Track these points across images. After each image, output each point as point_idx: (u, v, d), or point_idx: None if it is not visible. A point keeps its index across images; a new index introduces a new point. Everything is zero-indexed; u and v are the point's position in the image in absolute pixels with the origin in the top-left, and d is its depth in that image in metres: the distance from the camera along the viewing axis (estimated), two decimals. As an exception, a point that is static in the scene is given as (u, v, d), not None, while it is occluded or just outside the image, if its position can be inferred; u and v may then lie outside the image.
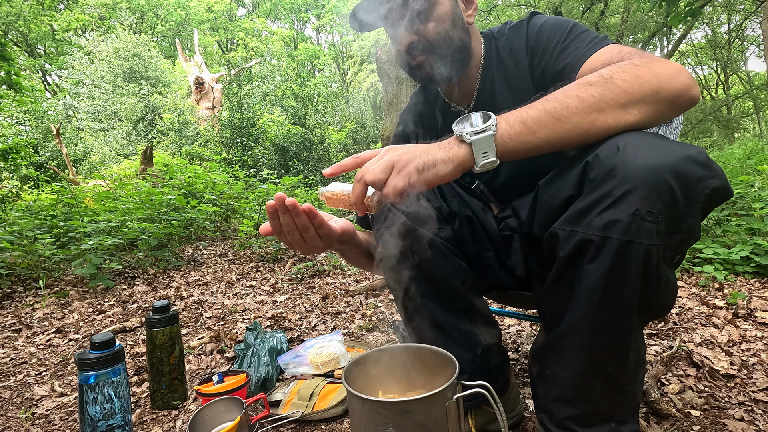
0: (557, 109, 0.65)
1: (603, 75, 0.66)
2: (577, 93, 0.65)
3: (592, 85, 0.65)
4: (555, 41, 0.86)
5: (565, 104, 0.65)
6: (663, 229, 0.60)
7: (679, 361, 1.31)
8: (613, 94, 0.64)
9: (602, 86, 0.65)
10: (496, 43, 0.98)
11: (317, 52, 29.18)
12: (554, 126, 0.65)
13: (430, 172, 0.65)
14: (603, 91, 0.64)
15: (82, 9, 18.96)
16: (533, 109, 0.66)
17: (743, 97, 16.45)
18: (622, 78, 0.65)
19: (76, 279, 2.93)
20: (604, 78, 0.65)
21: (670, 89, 0.64)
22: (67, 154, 8.09)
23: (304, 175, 8.17)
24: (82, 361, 1.03)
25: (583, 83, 0.66)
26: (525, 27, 0.93)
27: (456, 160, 0.66)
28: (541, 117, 0.65)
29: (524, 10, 12.70)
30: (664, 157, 0.59)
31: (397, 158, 0.65)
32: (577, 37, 0.83)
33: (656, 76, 0.64)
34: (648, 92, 0.64)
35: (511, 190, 1.01)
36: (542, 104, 0.66)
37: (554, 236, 0.68)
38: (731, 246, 2.25)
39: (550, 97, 0.67)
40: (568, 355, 0.70)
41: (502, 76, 0.96)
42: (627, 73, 0.65)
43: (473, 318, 0.92)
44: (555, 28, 0.88)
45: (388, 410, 0.65)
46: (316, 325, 1.94)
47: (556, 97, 0.66)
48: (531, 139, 0.66)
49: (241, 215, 4.75)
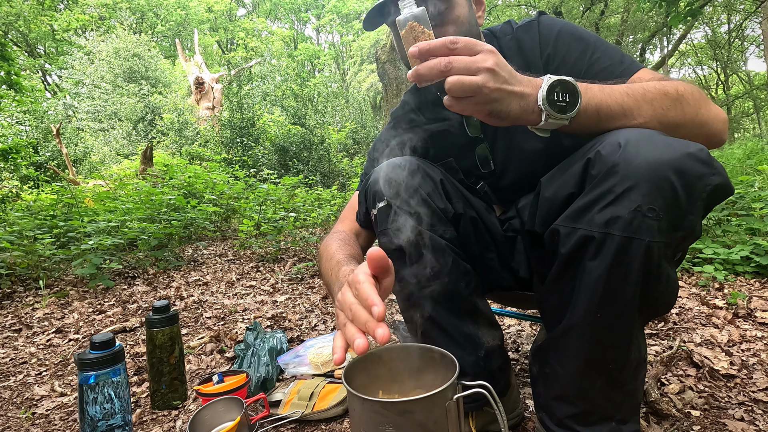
0: (631, 108, 0.67)
1: (678, 90, 0.69)
2: (653, 98, 0.67)
3: (667, 97, 0.68)
4: (579, 52, 0.85)
5: (639, 106, 0.67)
6: (664, 226, 0.60)
7: (679, 361, 1.31)
8: (676, 113, 0.68)
9: (674, 101, 0.68)
10: (499, 42, 0.97)
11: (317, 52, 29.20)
12: (620, 122, 0.67)
13: (495, 117, 0.63)
14: (670, 107, 0.68)
15: (82, 9, 18.97)
16: (612, 100, 0.67)
17: (743, 97, 16.47)
18: (689, 101, 0.69)
19: (76, 279, 2.93)
20: (678, 93, 0.69)
21: (713, 128, 0.71)
22: (67, 154, 8.09)
23: (304, 175, 8.17)
24: (82, 361, 1.03)
25: (661, 90, 0.68)
26: (536, 27, 0.91)
27: (522, 120, 0.65)
28: (616, 112, 0.67)
29: (524, 10, 12.70)
30: (666, 153, 0.59)
31: (491, 88, 0.59)
32: (607, 49, 0.84)
33: (709, 113, 0.71)
34: (698, 123, 0.70)
35: (516, 190, 1.01)
36: (622, 97, 0.67)
37: (556, 233, 0.68)
38: (731, 246, 2.25)
39: (630, 92, 0.68)
40: (568, 353, 0.70)
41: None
42: (693, 97, 0.69)
43: (476, 320, 0.92)
44: (576, 38, 0.87)
45: (388, 410, 0.65)
46: (316, 325, 1.94)
47: (634, 94, 0.68)
48: (594, 128, 0.68)
49: (241, 215, 4.76)
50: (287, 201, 4.67)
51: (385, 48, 4.51)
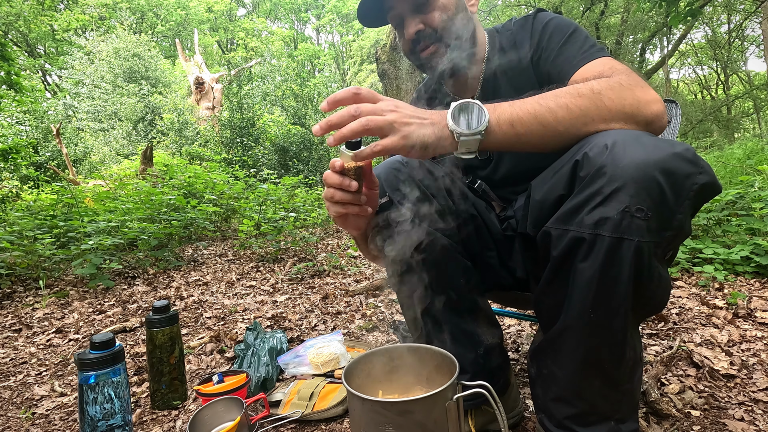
0: (546, 117, 0.68)
1: (593, 89, 0.69)
2: (567, 103, 0.68)
3: (582, 97, 0.68)
4: (555, 42, 0.88)
5: (555, 113, 0.68)
6: (653, 226, 0.60)
7: (679, 361, 1.31)
8: (598, 110, 0.68)
9: (590, 100, 0.68)
10: (500, 37, 0.99)
11: (317, 52, 29.22)
12: (540, 132, 0.68)
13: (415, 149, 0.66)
14: (590, 106, 0.68)
15: (82, 9, 18.98)
16: (524, 112, 0.68)
17: (743, 97, 16.46)
18: (609, 96, 0.69)
19: (76, 279, 2.93)
20: (594, 92, 0.69)
21: (645, 114, 0.69)
22: (67, 154, 8.10)
23: (304, 175, 8.17)
24: (82, 361, 1.03)
25: (574, 93, 0.69)
26: (531, 23, 0.94)
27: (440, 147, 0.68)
28: (530, 122, 0.68)
29: (524, 9, 12.71)
30: (652, 154, 0.60)
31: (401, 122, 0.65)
32: (576, 42, 0.86)
33: (637, 101, 0.69)
34: (628, 113, 0.69)
35: (513, 184, 1.02)
36: (534, 107, 0.68)
37: (547, 235, 0.68)
38: (731, 246, 2.25)
39: (542, 101, 0.69)
40: (564, 355, 0.70)
41: (505, 70, 0.97)
42: (614, 91, 0.69)
43: (476, 318, 0.92)
44: (558, 28, 0.90)
45: (388, 410, 0.65)
46: (316, 325, 1.94)
47: (547, 104, 0.68)
48: (515, 142, 0.69)
49: (241, 215, 4.76)
50: (287, 201, 4.67)
51: (385, 48, 4.51)
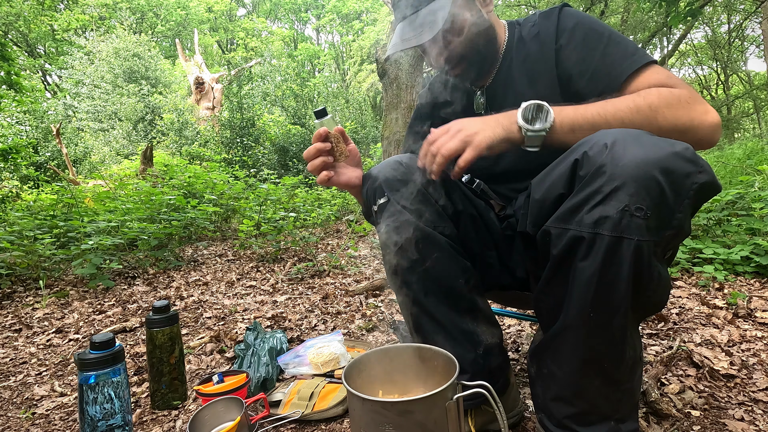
0: (602, 128, 0.72)
1: (651, 105, 0.73)
2: (623, 117, 0.74)
3: (639, 113, 0.73)
4: (592, 41, 0.87)
5: (611, 126, 0.73)
6: (653, 225, 0.60)
7: (679, 361, 1.31)
8: (650, 128, 0.71)
9: (646, 118, 0.73)
10: (521, 29, 1.00)
11: (317, 52, 29.20)
12: None
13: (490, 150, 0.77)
14: (644, 123, 0.73)
15: (82, 9, 18.96)
16: (584, 120, 0.75)
17: (743, 97, 16.46)
18: (664, 114, 0.73)
19: (76, 279, 2.93)
20: (651, 109, 0.73)
21: (698, 133, 0.73)
22: (67, 154, 8.09)
23: (304, 175, 8.16)
24: (82, 361, 1.03)
25: (633, 109, 0.74)
26: (556, 16, 0.94)
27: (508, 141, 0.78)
28: (588, 130, 0.73)
29: (524, 10, 12.69)
30: (652, 153, 0.60)
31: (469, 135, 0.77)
32: (618, 44, 0.85)
33: (692, 120, 0.73)
34: (680, 130, 0.73)
35: (512, 180, 1.02)
36: (594, 117, 0.75)
37: (547, 234, 0.68)
38: (731, 246, 2.25)
39: (602, 112, 0.74)
40: (564, 354, 0.70)
41: (522, 59, 0.97)
42: (671, 109, 0.73)
43: (476, 317, 0.92)
44: (591, 32, 0.88)
45: (388, 410, 0.65)
46: (316, 325, 1.94)
47: (606, 116, 0.74)
48: (571, 142, 0.73)
49: (241, 215, 4.75)
50: (287, 201, 4.67)
51: (385, 48, 4.51)
